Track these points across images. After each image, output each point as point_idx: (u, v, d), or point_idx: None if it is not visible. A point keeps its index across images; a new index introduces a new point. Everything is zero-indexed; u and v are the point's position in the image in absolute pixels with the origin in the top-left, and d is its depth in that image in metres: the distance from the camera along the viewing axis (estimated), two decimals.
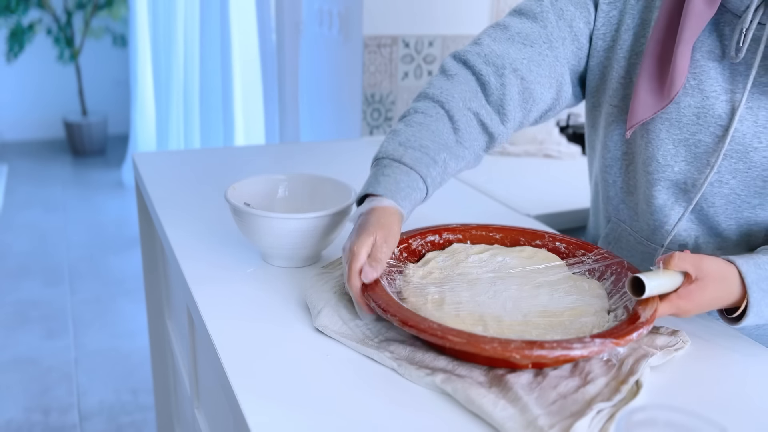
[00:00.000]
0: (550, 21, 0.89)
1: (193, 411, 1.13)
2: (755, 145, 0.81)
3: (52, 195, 3.99)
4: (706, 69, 0.82)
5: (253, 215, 0.87)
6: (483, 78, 0.88)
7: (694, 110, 0.83)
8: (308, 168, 1.44)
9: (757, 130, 0.81)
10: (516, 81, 0.88)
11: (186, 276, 0.90)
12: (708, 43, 0.82)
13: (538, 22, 0.89)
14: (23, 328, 2.52)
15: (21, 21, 4.71)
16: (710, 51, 0.82)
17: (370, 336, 0.74)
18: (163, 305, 1.48)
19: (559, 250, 0.90)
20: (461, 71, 0.89)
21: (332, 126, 2.06)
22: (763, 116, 0.80)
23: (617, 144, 0.93)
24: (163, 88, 3.55)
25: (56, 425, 2.00)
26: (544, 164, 1.59)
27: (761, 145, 0.81)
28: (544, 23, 0.89)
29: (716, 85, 0.82)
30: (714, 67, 0.82)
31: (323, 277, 0.87)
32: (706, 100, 0.82)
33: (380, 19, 1.72)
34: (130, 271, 3.04)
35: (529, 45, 0.88)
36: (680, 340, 0.76)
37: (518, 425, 0.60)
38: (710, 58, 0.82)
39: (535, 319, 0.74)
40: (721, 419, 0.63)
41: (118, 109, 5.11)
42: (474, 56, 0.89)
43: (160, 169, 1.38)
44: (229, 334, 0.76)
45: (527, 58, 0.88)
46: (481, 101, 0.88)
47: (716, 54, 0.82)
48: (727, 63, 0.82)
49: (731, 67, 0.82)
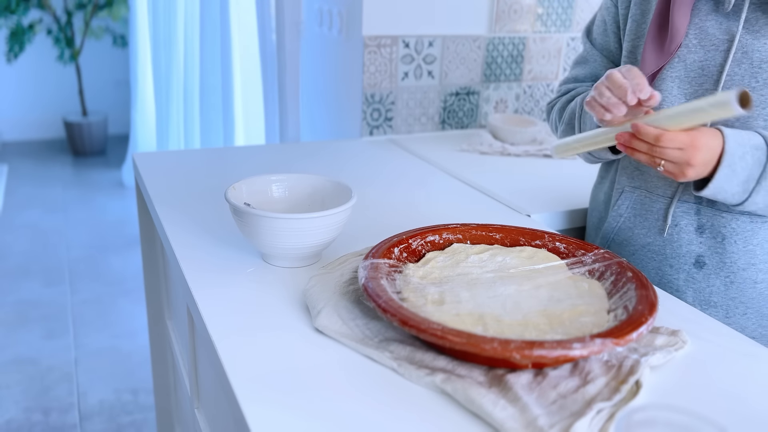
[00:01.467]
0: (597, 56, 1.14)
1: (193, 411, 1.13)
2: (753, 85, 0.91)
3: (52, 195, 3.99)
4: (704, 27, 0.94)
5: (253, 215, 0.87)
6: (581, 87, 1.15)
7: (698, 64, 0.95)
8: (308, 168, 1.44)
9: (753, 71, 0.91)
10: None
11: (186, 276, 0.90)
12: (705, 6, 0.94)
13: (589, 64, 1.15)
14: (23, 328, 2.52)
15: (21, 21, 4.70)
16: (707, 11, 0.94)
17: (369, 336, 0.74)
18: (163, 305, 1.48)
19: (559, 250, 0.90)
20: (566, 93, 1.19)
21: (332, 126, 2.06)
22: (757, 57, 0.90)
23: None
24: (163, 88, 3.54)
25: (56, 425, 2.00)
26: (544, 164, 1.59)
27: (758, 85, 0.91)
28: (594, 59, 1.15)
29: (714, 39, 0.93)
30: (712, 24, 0.94)
31: (323, 278, 0.87)
32: (707, 53, 0.94)
33: (380, 19, 1.72)
34: (130, 271, 3.04)
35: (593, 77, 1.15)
36: (680, 340, 0.76)
37: (518, 425, 0.60)
38: (707, 16, 0.94)
39: (535, 319, 0.74)
40: (721, 419, 0.63)
41: (118, 109, 5.11)
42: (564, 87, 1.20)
43: (160, 169, 1.38)
44: (229, 334, 0.76)
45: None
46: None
47: (712, 11, 0.94)
48: (722, 16, 0.93)
49: (726, 19, 0.92)
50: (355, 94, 1.82)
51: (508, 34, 1.88)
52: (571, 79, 1.19)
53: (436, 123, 1.88)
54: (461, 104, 1.89)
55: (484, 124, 1.94)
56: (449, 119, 1.89)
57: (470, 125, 1.93)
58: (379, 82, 1.77)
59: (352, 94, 1.84)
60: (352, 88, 1.83)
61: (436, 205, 1.25)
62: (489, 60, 1.88)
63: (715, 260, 0.97)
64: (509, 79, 1.93)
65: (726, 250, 0.95)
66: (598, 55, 1.14)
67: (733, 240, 0.95)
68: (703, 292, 0.99)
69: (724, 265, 0.96)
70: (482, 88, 1.90)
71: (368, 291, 0.75)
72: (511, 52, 1.90)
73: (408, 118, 1.84)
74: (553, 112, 1.19)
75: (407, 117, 1.84)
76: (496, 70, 1.90)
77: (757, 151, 0.86)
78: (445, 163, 1.55)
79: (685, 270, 1.00)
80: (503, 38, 1.88)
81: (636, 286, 0.77)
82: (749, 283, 0.95)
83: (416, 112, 1.85)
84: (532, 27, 1.90)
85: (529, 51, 1.93)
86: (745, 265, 0.95)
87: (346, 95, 1.90)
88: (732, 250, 0.95)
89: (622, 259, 0.84)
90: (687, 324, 0.82)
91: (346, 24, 1.83)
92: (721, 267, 0.96)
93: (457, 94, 1.88)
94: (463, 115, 1.91)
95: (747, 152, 0.85)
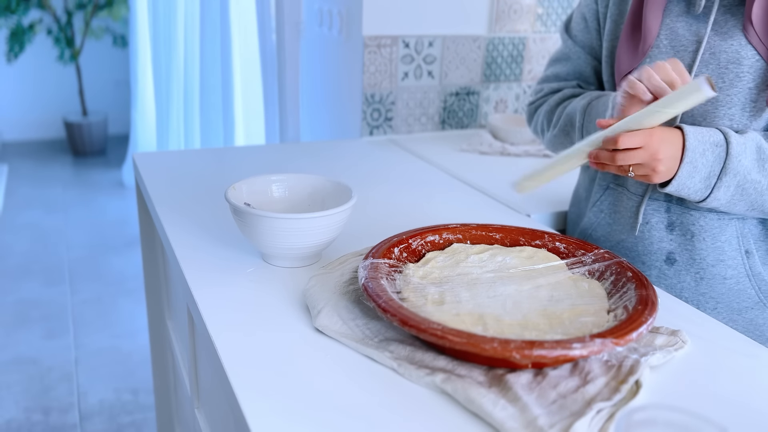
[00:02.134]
0: (579, 54, 1.14)
1: (193, 411, 1.13)
2: (719, 85, 0.92)
3: (52, 195, 3.99)
4: (674, 28, 0.96)
5: (253, 215, 0.87)
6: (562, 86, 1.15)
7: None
8: (308, 168, 1.44)
9: (720, 72, 0.92)
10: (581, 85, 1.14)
11: (186, 276, 0.90)
12: (677, 7, 0.96)
13: (571, 61, 1.15)
14: (23, 328, 2.52)
15: (21, 21, 4.70)
16: (678, 13, 0.96)
17: (369, 336, 0.74)
18: (164, 305, 1.48)
19: (559, 250, 0.90)
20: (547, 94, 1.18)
21: (332, 126, 2.06)
22: (724, 58, 0.92)
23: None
24: (163, 88, 3.54)
25: (56, 425, 2.00)
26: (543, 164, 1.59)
27: (725, 85, 0.92)
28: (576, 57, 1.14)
29: (684, 40, 0.95)
30: (682, 25, 0.95)
31: (323, 278, 0.87)
32: (677, 54, 0.95)
33: (380, 19, 1.72)
34: (130, 271, 3.04)
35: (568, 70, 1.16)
36: (680, 340, 0.76)
37: (518, 424, 0.60)
38: (678, 18, 0.96)
39: (535, 319, 0.74)
40: (721, 419, 0.63)
41: (119, 109, 5.11)
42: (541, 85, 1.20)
43: (160, 169, 1.38)
44: (229, 334, 0.76)
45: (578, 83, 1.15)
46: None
47: (683, 12, 0.95)
48: (692, 18, 0.94)
49: (696, 20, 0.94)
50: (355, 94, 1.82)
51: (508, 34, 1.88)
52: (552, 77, 1.18)
53: (436, 123, 1.88)
54: (461, 104, 1.89)
55: (484, 124, 1.94)
56: (449, 119, 1.89)
57: (470, 125, 1.93)
58: (379, 82, 1.77)
59: (352, 94, 1.84)
60: (352, 88, 1.83)
61: (436, 205, 1.25)
62: (489, 60, 1.88)
63: (685, 257, 0.98)
64: (509, 79, 1.93)
65: (695, 246, 0.97)
66: (580, 52, 1.13)
67: (701, 237, 0.97)
68: (674, 288, 1.01)
69: (693, 261, 0.98)
70: (482, 88, 1.90)
71: (368, 291, 0.75)
72: (511, 52, 1.90)
73: (408, 118, 1.84)
74: (539, 115, 1.17)
75: (407, 117, 1.84)
76: (496, 70, 1.90)
77: (717, 148, 0.87)
78: (445, 163, 1.55)
79: (656, 266, 1.02)
80: (503, 38, 1.88)
81: (636, 285, 0.78)
82: (719, 279, 0.97)
83: (416, 112, 1.85)
84: (532, 27, 1.90)
85: (529, 51, 1.93)
86: (714, 262, 0.97)
87: (346, 95, 1.90)
88: (701, 247, 0.97)
89: (622, 259, 0.84)
90: (687, 324, 0.82)
91: (346, 24, 1.83)
92: (691, 263, 0.98)
93: (457, 94, 1.88)
94: (463, 115, 1.91)
95: (707, 149, 0.87)
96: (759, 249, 0.97)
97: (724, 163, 0.87)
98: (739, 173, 0.87)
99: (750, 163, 0.87)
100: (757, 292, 0.97)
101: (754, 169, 0.87)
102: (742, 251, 0.96)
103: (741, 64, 0.90)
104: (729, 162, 0.86)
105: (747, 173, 0.87)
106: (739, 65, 0.90)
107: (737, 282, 0.97)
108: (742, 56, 0.90)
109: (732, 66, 0.91)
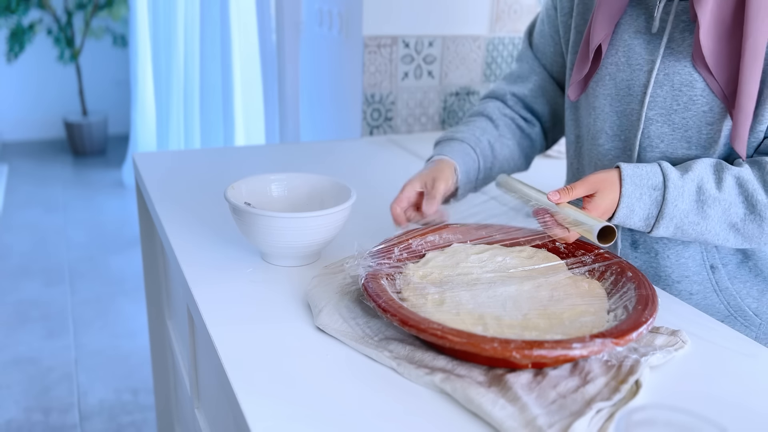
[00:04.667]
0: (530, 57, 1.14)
1: (193, 411, 1.13)
2: (674, 108, 0.90)
3: (52, 195, 3.99)
4: (632, 45, 0.93)
5: (253, 214, 0.87)
6: (505, 98, 1.14)
7: (626, 83, 0.93)
8: (308, 168, 1.44)
9: (674, 94, 0.89)
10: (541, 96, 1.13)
11: (186, 276, 0.90)
12: (636, 23, 0.93)
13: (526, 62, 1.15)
14: (23, 328, 2.52)
15: (21, 21, 4.71)
16: (637, 30, 0.93)
17: (370, 335, 0.74)
18: (163, 305, 1.48)
19: (559, 250, 0.90)
20: (488, 100, 1.15)
21: (332, 126, 2.06)
22: (678, 80, 0.89)
23: (570, 128, 1.06)
24: (163, 88, 3.54)
25: (56, 425, 2.00)
26: (544, 164, 1.59)
27: (679, 108, 0.89)
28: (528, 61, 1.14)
29: (640, 58, 0.92)
30: (639, 43, 0.92)
31: (326, 278, 0.87)
32: (633, 73, 0.93)
33: (380, 19, 1.72)
34: (130, 271, 3.04)
35: (525, 79, 1.14)
36: (680, 340, 0.76)
37: (517, 424, 0.60)
38: (636, 35, 0.93)
39: (535, 319, 0.74)
40: (721, 419, 0.63)
41: (119, 109, 5.11)
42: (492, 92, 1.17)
43: (160, 169, 1.38)
44: (229, 334, 0.76)
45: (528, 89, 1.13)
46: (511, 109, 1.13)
47: (642, 31, 0.92)
48: (649, 36, 0.91)
49: (652, 39, 0.91)
50: (355, 94, 1.82)
51: (508, 34, 1.88)
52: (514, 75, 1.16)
53: (436, 123, 1.88)
54: (461, 104, 1.89)
55: None
56: (449, 119, 1.89)
57: None
58: (379, 82, 1.77)
59: (352, 94, 1.84)
60: (352, 88, 1.83)
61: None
62: (489, 60, 1.88)
63: (651, 274, 0.98)
64: None
65: (660, 264, 0.96)
66: (531, 58, 1.13)
67: (665, 255, 0.96)
68: None
69: (659, 278, 0.97)
70: (482, 88, 1.90)
71: (368, 291, 0.75)
72: (511, 52, 1.90)
73: (408, 118, 1.84)
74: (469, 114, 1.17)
75: (407, 117, 1.84)
76: (496, 70, 1.90)
77: (654, 191, 0.85)
78: None
79: None
80: (503, 38, 1.88)
81: (636, 285, 0.78)
82: (685, 295, 0.96)
83: (416, 112, 1.85)
84: None
85: None
86: (678, 278, 0.96)
87: (346, 95, 1.90)
88: (666, 264, 0.96)
89: (622, 259, 0.84)
90: (687, 324, 0.82)
91: (346, 24, 1.83)
92: (656, 280, 0.97)
93: (457, 94, 1.88)
94: (463, 115, 1.91)
95: (645, 192, 0.85)
96: (727, 264, 0.94)
97: (661, 207, 0.85)
98: (675, 217, 0.84)
99: (688, 206, 0.84)
100: (726, 307, 0.95)
101: (692, 212, 0.84)
102: (707, 266, 0.94)
103: (694, 87, 0.87)
104: (665, 207, 0.84)
105: (684, 216, 0.84)
106: (692, 88, 0.87)
107: (704, 297, 0.96)
108: (695, 78, 0.87)
109: (686, 89, 0.88)
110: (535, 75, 1.13)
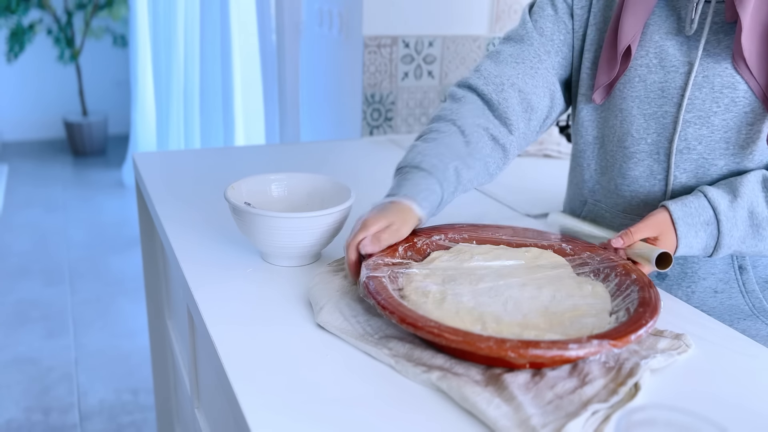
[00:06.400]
0: (535, 39, 1.02)
1: (193, 411, 1.13)
2: (714, 110, 0.89)
3: (52, 195, 3.99)
4: (665, 47, 0.91)
5: (253, 214, 0.87)
6: (486, 96, 1.00)
7: (658, 85, 0.92)
8: (308, 168, 1.44)
9: (714, 96, 0.89)
10: (515, 94, 1.00)
11: (186, 276, 0.90)
12: (666, 24, 0.92)
13: (525, 43, 1.02)
14: (23, 328, 2.52)
15: (21, 21, 4.71)
16: (668, 31, 0.91)
17: (370, 332, 0.74)
18: (163, 305, 1.48)
19: (565, 251, 0.90)
20: (467, 94, 1.02)
21: (332, 126, 2.06)
22: (719, 82, 0.88)
23: (588, 129, 1.02)
24: (163, 88, 3.54)
25: (56, 425, 2.00)
26: (544, 164, 1.59)
27: (719, 110, 0.89)
28: (530, 42, 1.02)
29: (675, 60, 0.91)
30: (672, 45, 0.91)
31: (328, 276, 0.87)
32: (667, 75, 0.91)
33: (380, 19, 1.72)
34: (130, 271, 3.04)
35: (521, 62, 1.01)
36: (683, 343, 0.75)
37: (511, 423, 0.60)
38: (668, 36, 0.91)
39: (535, 319, 0.74)
40: (721, 419, 0.63)
41: (119, 109, 5.11)
42: (475, 80, 1.02)
43: (160, 169, 1.38)
44: (229, 334, 0.76)
45: (521, 73, 1.01)
46: (489, 117, 1.00)
47: (674, 32, 0.91)
48: (683, 38, 0.90)
49: (687, 41, 0.90)
50: (355, 94, 1.82)
51: None
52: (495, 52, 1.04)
53: None
54: None
55: None
56: None
57: None
58: (379, 82, 1.77)
59: (352, 94, 1.84)
60: (352, 88, 1.83)
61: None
62: None
63: (677, 271, 0.97)
64: None
65: (687, 260, 0.96)
66: (536, 40, 1.01)
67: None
68: None
69: (685, 275, 0.97)
70: None
71: (368, 288, 0.75)
72: None
73: (408, 118, 1.84)
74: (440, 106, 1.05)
75: (407, 117, 1.84)
76: None
77: (708, 227, 0.87)
78: None
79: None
80: None
81: (639, 288, 0.77)
82: (709, 293, 0.96)
83: (416, 112, 1.85)
84: None
85: None
86: (705, 275, 0.96)
87: (346, 95, 1.90)
88: (693, 260, 0.96)
89: (627, 261, 0.84)
90: (691, 326, 0.82)
91: (346, 24, 1.83)
92: (682, 278, 0.97)
93: None
94: None
95: (700, 229, 0.87)
96: (757, 266, 0.95)
97: (717, 240, 0.87)
98: (733, 245, 0.87)
99: (743, 232, 0.87)
100: (751, 307, 0.96)
101: (748, 236, 0.87)
102: (735, 267, 0.94)
103: (736, 89, 0.88)
104: (721, 239, 0.87)
105: (741, 242, 0.87)
106: (734, 90, 0.88)
107: (729, 297, 0.96)
108: (737, 80, 0.87)
109: (727, 90, 0.88)
110: (539, 63, 1.01)
